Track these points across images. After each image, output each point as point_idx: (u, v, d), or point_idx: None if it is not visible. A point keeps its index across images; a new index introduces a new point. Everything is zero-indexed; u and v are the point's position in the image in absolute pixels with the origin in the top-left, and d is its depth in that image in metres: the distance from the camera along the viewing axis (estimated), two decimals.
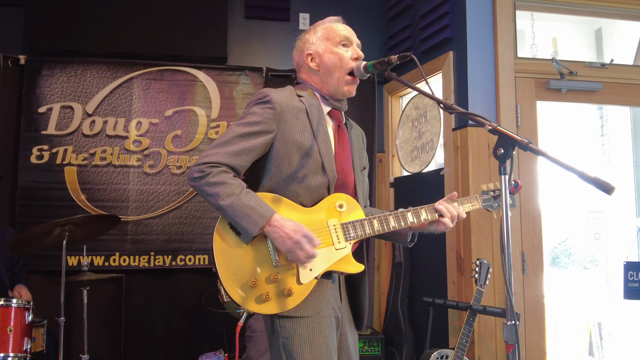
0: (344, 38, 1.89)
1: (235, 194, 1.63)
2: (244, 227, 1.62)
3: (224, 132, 1.76)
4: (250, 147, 1.72)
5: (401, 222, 1.83)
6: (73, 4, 3.94)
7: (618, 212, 4.26)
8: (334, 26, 1.93)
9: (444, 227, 1.87)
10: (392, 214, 1.83)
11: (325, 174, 1.77)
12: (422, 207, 1.87)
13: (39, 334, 3.08)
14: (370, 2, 4.51)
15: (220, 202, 1.63)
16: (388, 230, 1.81)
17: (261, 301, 1.65)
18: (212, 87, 4.08)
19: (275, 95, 1.78)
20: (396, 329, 3.84)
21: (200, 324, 3.97)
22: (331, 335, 1.73)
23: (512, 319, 1.41)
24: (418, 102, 3.95)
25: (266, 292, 1.65)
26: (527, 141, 1.39)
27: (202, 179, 1.65)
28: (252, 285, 1.64)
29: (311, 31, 1.96)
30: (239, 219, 1.62)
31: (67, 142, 3.84)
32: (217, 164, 1.67)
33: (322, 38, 1.90)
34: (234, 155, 1.69)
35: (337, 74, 1.86)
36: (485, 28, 3.36)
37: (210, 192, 1.64)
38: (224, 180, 1.65)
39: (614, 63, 3.51)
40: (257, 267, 1.67)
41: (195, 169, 1.67)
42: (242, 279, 1.65)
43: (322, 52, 1.88)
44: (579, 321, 4.40)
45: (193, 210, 3.96)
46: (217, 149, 1.70)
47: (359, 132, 2.06)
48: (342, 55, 1.87)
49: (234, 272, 1.65)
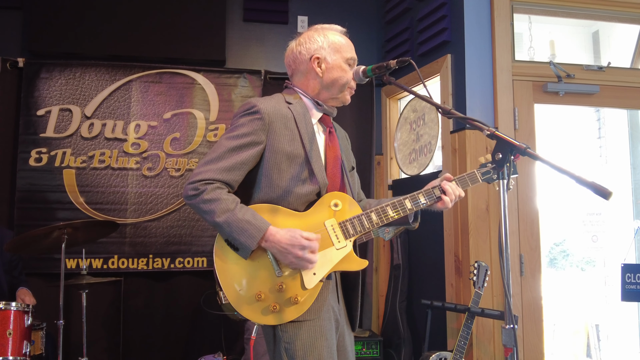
0: (352, 59, 1.92)
1: (230, 210, 1.65)
2: (242, 242, 1.64)
3: (214, 147, 1.76)
4: (242, 160, 1.73)
5: (399, 211, 1.84)
6: (71, 7, 3.94)
7: (615, 214, 4.27)
8: (345, 41, 1.94)
9: (443, 207, 1.88)
10: (389, 203, 1.84)
11: (315, 181, 1.78)
12: (419, 191, 1.87)
13: (38, 337, 3.09)
14: (368, 5, 4.53)
15: (217, 219, 1.64)
16: (387, 222, 1.82)
17: (270, 312, 1.67)
18: (211, 90, 4.09)
19: (262, 105, 1.78)
20: (394, 331, 3.84)
21: (199, 326, 3.97)
22: (332, 338, 1.75)
23: (511, 322, 1.42)
24: (416, 105, 3.96)
25: (274, 303, 1.67)
26: (525, 146, 1.40)
27: (197, 196, 1.67)
28: (258, 298, 1.66)
29: (320, 32, 1.94)
30: (236, 234, 1.64)
31: (66, 145, 3.84)
32: (210, 181, 1.68)
33: (334, 47, 1.90)
34: (226, 171, 1.71)
35: (339, 89, 1.90)
36: (483, 31, 3.37)
37: (206, 209, 1.66)
38: (219, 197, 1.66)
39: (611, 66, 3.52)
40: (260, 280, 1.68)
41: (189, 187, 1.69)
42: (247, 294, 1.67)
43: (332, 62, 1.88)
44: (576, 323, 4.42)
45: (192, 213, 3.96)
46: (210, 165, 1.71)
47: (342, 134, 2.08)
48: (349, 76, 1.90)
49: (239, 289, 1.68)
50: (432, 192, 1.87)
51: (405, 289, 3.90)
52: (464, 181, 1.93)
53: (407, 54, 4.00)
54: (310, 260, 1.65)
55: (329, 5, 4.42)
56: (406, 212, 1.84)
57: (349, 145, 2.10)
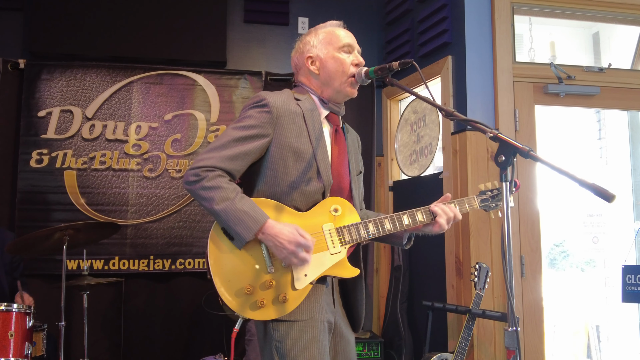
0: (346, 45, 1.88)
1: (229, 199, 1.63)
2: (238, 232, 1.62)
3: (220, 135, 1.75)
4: (246, 151, 1.72)
5: (397, 225, 1.82)
6: (72, 9, 3.94)
7: (616, 216, 4.28)
8: (336, 31, 1.92)
9: (439, 229, 1.84)
10: (387, 216, 1.82)
11: (320, 180, 1.77)
12: (418, 209, 1.85)
13: (40, 339, 3.09)
14: (369, 7, 4.53)
15: (215, 207, 1.63)
16: (384, 234, 1.80)
17: (256, 307, 1.65)
18: (212, 91, 4.09)
19: (272, 98, 1.78)
20: (395, 333, 3.85)
21: (199, 327, 3.97)
22: (324, 340, 1.74)
23: (514, 325, 1.42)
24: (417, 106, 3.96)
25: (261, 299, 1.65)
26: (528, 149, 1.40)
27: (197, 182, 1.65)
28: (248, 292, 1.64)
29: (312, 33, 1.95)
30: (233, 223, 1.62)
31: (67, 146, 3.84)
32: (212, 168, 1.67)
33: (324, 42, 1.89)
34: (229, 160, 1.69)
35: (339, 80, 1.86)
36: (484, 32, 3.38)
37: (205, 196, 1.64)
38: (219, 185, 1.65)
39: (611, 67, 3.53)
40: (251, 274, 1.67)
41: (190, 172, 1.67)
42: (236, 286, 1.65)
43: (324, 56, 1.87)
44: (577, 324, 4.42)
45: (192, 214, 3.97)
46: (213, 152, 1.69)
47: (354, 137, 2.06)
48: (344, 61, 1.86)
49: (229, 279, 1.66)
50: (429, 211, 1.85)
51: (406, 290, 3.90)
52: (462, 204, 1.92)
53: (408, 55, 4.01)
54: (304, 259, 1.64)
55: (330, 6, 4.42)
56: (403, 228, 1.82)
57: (359, 149, 2.08)
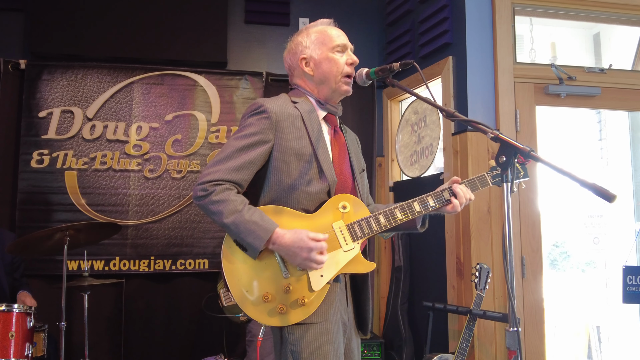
0: (340, 45, 1.89)
1: (238, 211, 1.65)
2: (249, 243, 1.64)
3: (223, 147, 1.77)
4: (250, 159, 1.73)
5: (408, 214, 1.82)
6: (73, 9, 3.94)
7: (617, 216, 4.28)
8: (328, 30, 1.92)
9: (452, 210, 1.85)
10: (397, 206, 1.82)
11: (324, 179, 1.78)
12: (428, 194, 1.85)
13: (40, 339, 3.09)
14: (370, 7, 4.53)
15: (225, 220, 1.65)
16: (395, 224, 1.80)
17: (277, 314, 1.66)
18: (212, 92, 4.09)
19: (269, 104, 1.79)
20: (396, 333, 3.84)
21: (200, 328, 3.97)
22: (338, 342, 1.74)
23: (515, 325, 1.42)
24: (417, 107, 3.96)
25: (281, 305, 1.66)
26: (529, 149, 1.41)
27: (206, 197, 1.67)
28: (265, 300, 1.66)
29: (303, 33, 1.95)
30: (244, 235, 1.64)
31: (68, 147, 3.84)
32: (219, 182, 1.69)
33: (317, 42, 1.90)
34: (235, 171, 1.71)
35: (334, 80, 1.87)
36: (485, 33, 3.38)
37: (214, 210, 1.66)
38: (227, 198, 1.66)
39: (612, 68, 3.53)
40: (268, 281, 1.68)
41: (198, 187, 1.69)
42: (253, 295, 1.67)
43: (318, 57, 1.88)
44: (577, 325, 4.42)
45: (193, 215, 3.97)
46: (218, 165, 1.71)
47: (353, 136, 2.07)
48: (338, 61, 1.87)
49: (246, 290, 1.67)
50: (441, 195, 1.85)
51: (407, 290, 3.90)
52: (474, 184, 1.91)
53: (409, 56, 4.01)
54: (319, 261, 1.65)
55: (330, 7, 4.42)
56: (415, 215, 1.82)
57: (360, 148, 2.09)
